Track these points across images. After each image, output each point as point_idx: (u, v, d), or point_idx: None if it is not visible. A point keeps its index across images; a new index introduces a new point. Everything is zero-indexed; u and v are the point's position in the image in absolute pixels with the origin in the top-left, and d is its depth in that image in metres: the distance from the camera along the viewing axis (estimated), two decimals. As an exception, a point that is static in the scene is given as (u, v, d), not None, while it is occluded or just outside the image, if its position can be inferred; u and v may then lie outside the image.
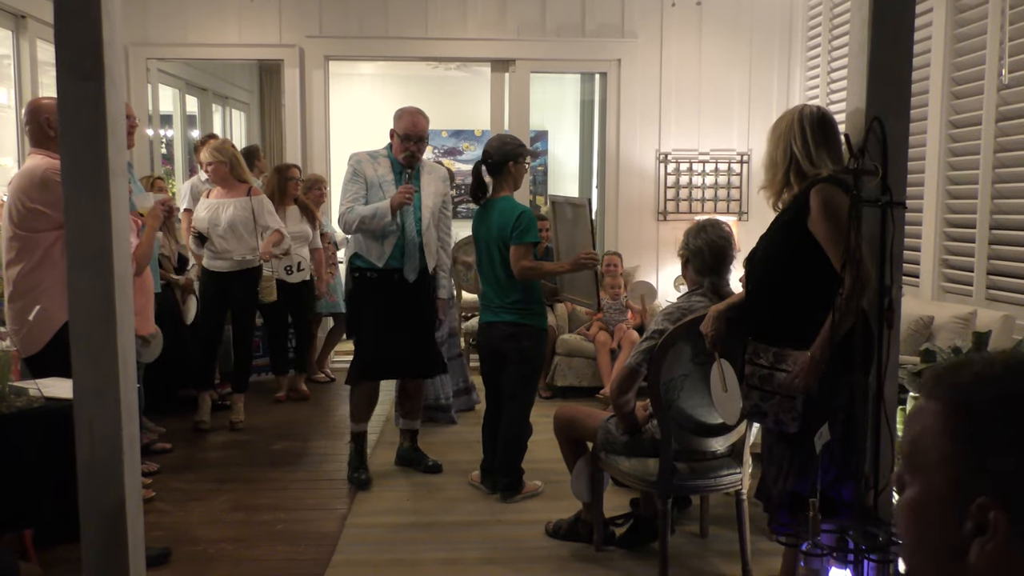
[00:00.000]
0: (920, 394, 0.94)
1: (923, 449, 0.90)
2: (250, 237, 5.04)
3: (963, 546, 0.85)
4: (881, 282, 2.46)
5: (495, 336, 4.03)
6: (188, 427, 5.08)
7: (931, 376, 0.93)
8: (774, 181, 2.61)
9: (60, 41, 2.23)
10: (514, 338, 3.97)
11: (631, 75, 6.75)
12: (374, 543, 3.54)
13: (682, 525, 3.72)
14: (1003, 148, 4.41)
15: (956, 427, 0.87)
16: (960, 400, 0.88)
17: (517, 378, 4.02)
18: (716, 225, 3.27)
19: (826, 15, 6.32)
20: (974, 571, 0.85)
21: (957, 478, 0.87)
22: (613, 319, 5.99)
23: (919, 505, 0.91)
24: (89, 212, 2.25)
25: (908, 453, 0.94)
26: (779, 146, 2.57)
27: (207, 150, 5.07)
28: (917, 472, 0.92)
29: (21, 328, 3.31)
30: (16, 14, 5.19)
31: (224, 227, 4.95)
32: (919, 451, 0.91)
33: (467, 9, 6.68)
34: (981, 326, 3.97)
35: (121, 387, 2.30)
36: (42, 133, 3.43)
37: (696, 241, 3.21)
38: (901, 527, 0.95)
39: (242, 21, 6.57)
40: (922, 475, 0.91)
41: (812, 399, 2.44)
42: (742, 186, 6.87)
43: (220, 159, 4.97)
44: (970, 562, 0.85)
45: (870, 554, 2.25)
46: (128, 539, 2.35)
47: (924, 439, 0.90)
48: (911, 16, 2.54)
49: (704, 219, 3.38)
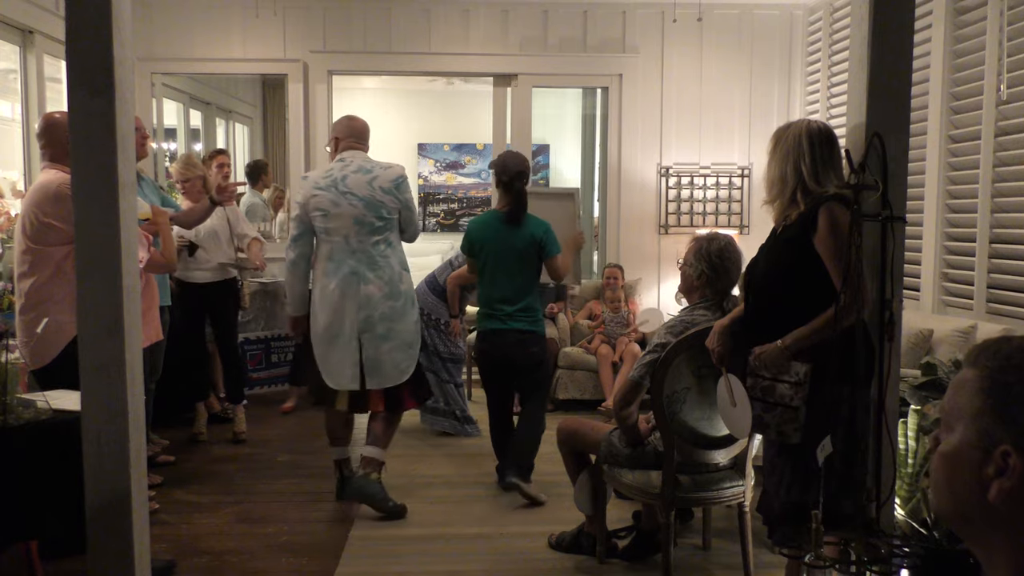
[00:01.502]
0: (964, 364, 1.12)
1: (959, 406, 1.08)
2: (228, 246, 5.10)
3: (984, 486, 1.03)
4: (882, 295, 2.48)
5: (506, 343, 4.21)
6: (189, 439, 5.10)
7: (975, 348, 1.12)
8: (782, 197, 2.59)
9: (71, 57, 2.27)
10: (526, 344, 4.22)
11: (632, 90, 6.80)
12: (378, 555, 3.55)
13: (684, 538, 3.72)
14: (1002, 163, 4.44)
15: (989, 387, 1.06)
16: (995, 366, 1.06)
17: (538, 381, 4.40)
18: (718, 239, 3.29)
19: (826, 31, 6.37)
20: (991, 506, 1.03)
21: (985, 429, 1.04)
22: (615, 332, 6.01)
23: (951, 454, 1.08)
24: (98, 225, 2.28)
25: (947, 411, 1.11)
26: (787, 162, 2.55)
27: (180, 165, 5.07)
28: (953, 427, 1.09)
29: (31, 340, 3.34)
30: (24, 29, 5.23)
31: (204, 236, 4.98)
32: (956, 408, 1.09)
33: (469, 24, 6.73)
34: (981, 339, 3.98)
35: (129, 400, 2.32)
36: (62, 149, 3.40)
37: (701, 259, 3.22)
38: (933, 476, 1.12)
39: (246, 36, 6.62)
40: (957, 428, 1.08)
41: (814, 411, 2.46)
42: (743, 200, 6.90)
43: (197, 174, 5.03)
44: (989, 498, 1.02)
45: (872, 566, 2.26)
46: (134, 551, 2.36)
47: (961, 398, 1.08)
48: (911, 32, 2.57)
49: (710, 232, 3.39)
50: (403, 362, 3.98)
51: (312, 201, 3.90)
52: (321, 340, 3.96)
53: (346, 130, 4.05)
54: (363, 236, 3.88)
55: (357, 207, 3.86)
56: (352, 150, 4.00)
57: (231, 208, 5.15)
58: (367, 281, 3.88)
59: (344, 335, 3.89)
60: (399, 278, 3.97)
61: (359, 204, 3.86)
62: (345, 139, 4.02)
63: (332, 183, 3.89)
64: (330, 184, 3.89)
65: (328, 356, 3.94)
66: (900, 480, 3.11)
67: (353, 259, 3.88)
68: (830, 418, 2.44)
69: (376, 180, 3.90)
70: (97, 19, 2.25)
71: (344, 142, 4.02)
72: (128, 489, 2.33)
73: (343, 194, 3.87)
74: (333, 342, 3.92)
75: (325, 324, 3.92)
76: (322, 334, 3.94)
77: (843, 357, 2.42)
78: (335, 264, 3.89)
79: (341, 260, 3.89)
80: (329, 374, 3.96)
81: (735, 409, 2.58)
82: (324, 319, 3.92)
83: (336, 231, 3.89)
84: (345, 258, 3.88)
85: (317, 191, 3.89)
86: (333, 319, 3.90)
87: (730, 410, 2.60)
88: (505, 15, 6.73)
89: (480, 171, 10.43)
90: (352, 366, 3.91)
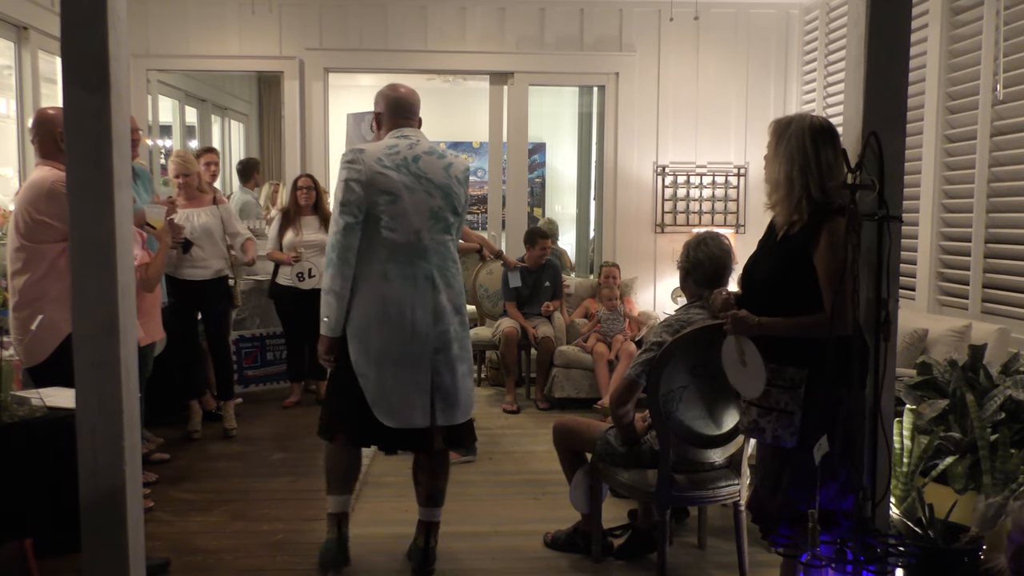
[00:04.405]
0: None
1: None
2: (221, 244, 5.13)
3: None
4: (878, 295, 2.48)
5: None
6: (183, 437, 5.10)
7: None
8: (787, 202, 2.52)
9: (66, 53, 2.26)
10: None
11: (629, 88, 6.80)
12: (373, 553, 3.54)
13: (680, 536, 3.73)
14: (998, 162, 4.45)
15: None
16: None
17: None
18: (716, 238, 3.30)
19: (822, 30, 6.37)
20: None
21: None
22: (611, 330, 6.01)
23: None
24: (93, 223, 2.27)
25: None
26: (793, 165, 2.48)
27: (176, 161, 5.10)
28: None
29: (24, 338, 3.32)
30: (18, 25, 5.22)
31: (200, 234, 5.00)
32: None
33: (466, 22, 6.73)
34: (976, 339, 4.00)
35: (123, 397, 2.31)
36: (53, 145, 3.44)
37: (696, 254, 3.24)
38: None
39: (242, 33, 6.61)
40: None
41: (810, 414, 2.46)
42: (739, 199, 6.91)
43: (194, 170, 5.08)
44: None
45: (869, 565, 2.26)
46: (128, 549, 2.35)
47: None
48: (907, 32, 2.57)
49: (704, 231, 3.40)
50: (471, 392, 3.32)
51: (380, 180, 3.09)
52: (375, 364, 3.14)
53: (388, 103, 3.28)
54: (436, 233, 3.18)
55: (435, 196, 3.16)
56: (411, 127, 3.28)
57: (224, 207, 5.19)
58: (440, 290, 3.18)
59: (412, 356, 3.13)
60: (461, 289, 3.31)
61: (437, 193, 3.17)
62: (391, 117, 3.28)
63: (403, 162, 3.13)
64: (400, 163, 3.13)
65: (386, 385, 3.14)
66: (895, 479, 3.12)
67: (426, 261, 3.15)
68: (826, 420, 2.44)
69: (452, 168, 3.23)
70: (92, 15, 2.24)
71: (389, 120, 3.28)
72: (123, 487, 2.32)
73: (418, 178, 3.14)
74: (398, 366, 3.13)
75: (384, 343, 3.13)
76: (377, 357, 3.13)
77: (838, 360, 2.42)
78: (401, 266, 3.12)
79: (410, 261, 3.14)
80: (389, 409, 3.15)
81: (745, 369, 2.52)
82: (383, 337, 3.13)
83: (406, 224, 3.12)
84: (416, 258, 3.14)
85: (385, 169, 3.10)
86: (399, 336, 3.12)
87: (740, 371, 2.54)
88: (502, 13, 6.73)
89: (477, 169, 10.43)
90: (422, 395, 3.15)
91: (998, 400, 3.23)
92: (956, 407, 3.33)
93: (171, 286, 4.98)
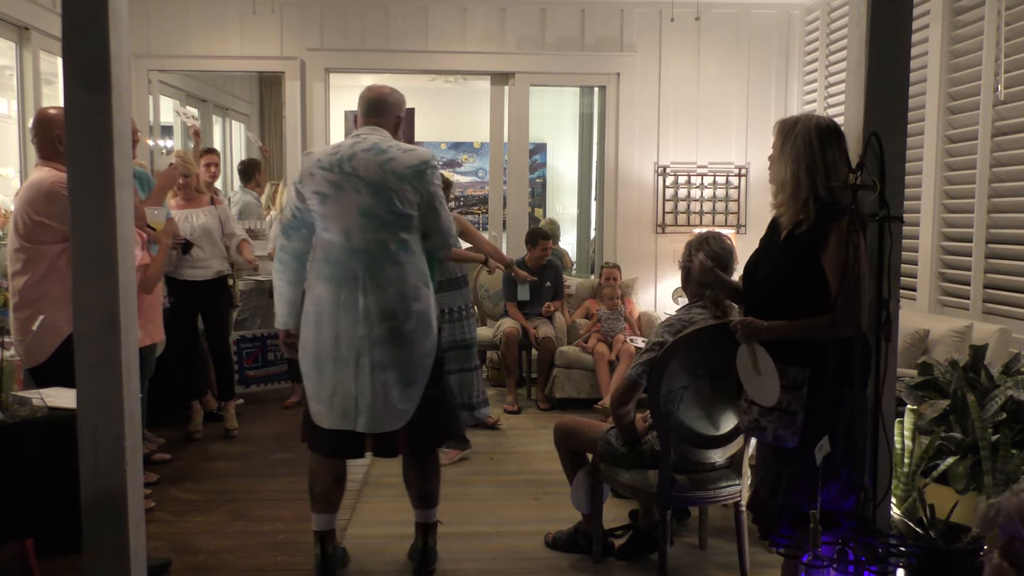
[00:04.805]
0: None
1: None
2: (221, 245, 5.14)
3: None
4: (879, 295, 2.48)
5: None
6: (185, 437, 5.10)
7: None
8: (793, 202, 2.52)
9: (68, 54, 2.26)
10: None
11: (630, 88, 6.80)
12: (374, 553, 3.54)
13: (681, 537, 3.72)
14: (999, 163, 4.45)
15: None
16: None
17: None
18: (717, 237, 3.30)
19: (823, 31, 6.37)
20: None
21: None
22: (612, 330, 6.01)
23: None
24: (95, 223, 2.28)
25: None
26: (800, 165, 2.48)
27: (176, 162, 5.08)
28: None
29: (25, 338, 3.33)
30: (20, 26, 5.22)
31: (199, 235, 5.01)
32: None
33: (467, 23, 6.73)
34: (977, 339, 3.99)
35: (125, 397, 2.32)
36: (51, 147, 3.45)
37: (698, 253, 3.23)
38: None
39: (244, 33, 6.62)
40: None
41: (812, 414, 2.46)
42: (740, 199, 6.91)
43: (194, 171, 5.10)
44: None
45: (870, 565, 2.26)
46: (130, 549, 2.36)
47: None
48: (908, 33, 2.57)
49: (705, 231, 3.40)
50: (402, 402, 3.11)
51: (310, 181, 3.09)
52: (310, 364, 3.13)
53: (362, 104, 3.26)
54: (369, 233, 3.04)
55: (363, 194, 3.03)
56: (370, 126, 3.20)
57: (222, 207, 5.19)
58: (369, 291, 3.04)
59: (338, 358, 3.07)
60: (413, 293, 3.09)
61: (366, 191, 3.03)
62: (362, 116, 3.24)
63: (337, 161, 3.06)
64: (335, 163, 3.06)
65: (317, 386, 3.12)
66: (896, 480, 3.12)
67: (355, 260, 3.05)
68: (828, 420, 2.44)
69: (391, 163, 3.05)
70: (94, 16, 2.25)
71: (361, 120, 3.24)
72: (124, 487, 2.33)
73: (347, 176, 3.04)
74: (324, 368, 3.10)
75: (314, 343, 3.11)
76: (311, 356, 3.13)
77: (841, 361, 2.42)
78: (331, 266, 3.08)
79: (339, 261, 3.06)
80: (318, 410, 3.13)
81: (760, 376, 2.53)
82: (313, 336, 3.11)
83: (336, 223, 3.07)
84: (344, 259, 3.06)
85: (318, 170, 3.08)
86: (324, 336, 3.08)
87: (754, 378, 2.55)
88: (503, 13, 6.73)
89: (477, 169, 10.43)
90: (344, 398, 3.08)
91: (999, 400, 3.23)
92: (957, 407, 3.33)
93: (171, 287, 4.99)
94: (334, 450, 3.21)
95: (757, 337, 2.51)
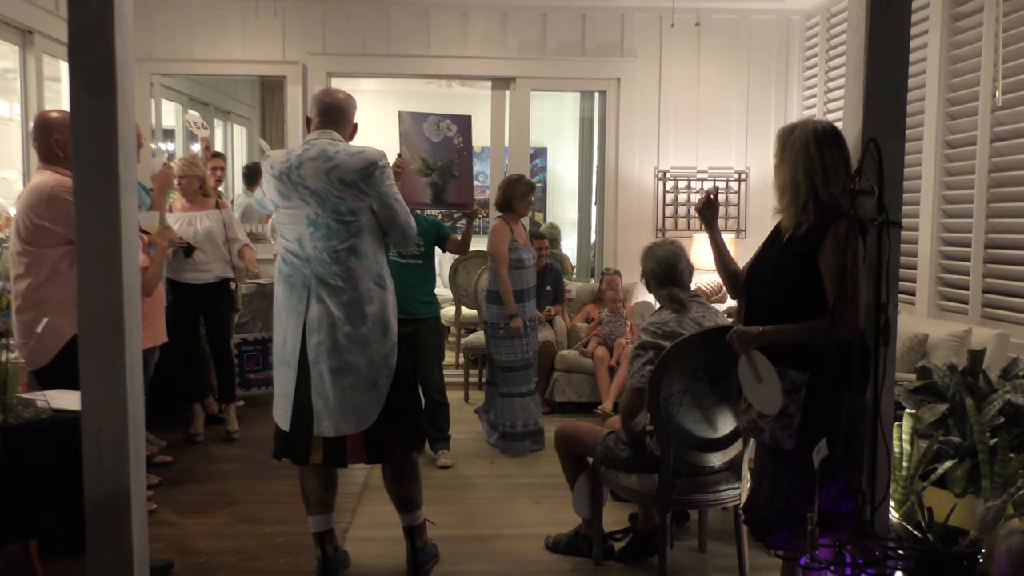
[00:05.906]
0: None
1: None
2: (223, 249, 5.16)
3: None
4: (877, 300, 2.49)
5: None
6: (186, 440, 5.11)
7: None
8: (794, 206, 2.54)
9: (73, 58, 2.28)
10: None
11: (630, 94, 6.82)
12: (375, 556, 3.55)
13: (681, 540, 3.74)
14: (998, 168, 4.47)
15: None
16: None
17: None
18: (661, 243, 3.43)
19: (823, 36, 6.40)
20: None
21: None
22: (614, 333, 6.02)
23: None
24: (100, 226, 2.30)
25: None
26: (798, 170, 2.51)
27: (181, 163, 5.11)
28: None
29: (29, 341, 3.34)
30: (24, 29, 5.24)
31: (202, 238, 5.03)
32: None
33: (468, 27, 6.76)
34: (976, 344, 4.01)
35: (128, 399, 2.33)
36: (50, 151, 3.48)
37: (648, 264, 3.37)
38: None
39: (246, 38, 6.64)
40: None
41: (809, 417, 2.47)
42: (740, 204, 6.92)
43: (195, 173, 5.08)
44: None
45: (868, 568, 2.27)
46: (132, 550, 2.37)
47: None
48: (907, 38, 2.59)
49: (650, 241, 3.54)
50: (363, 406, 3.10)
51: (268, 186, 3.14)
52: (275, 365, 3.23)
53: (314, 107, 3.23)
54: (318, 241, 3.03)
55: (310, 204, 3.02)
56: (320, 130, 3.17)
57: (227, 212, 5.20)
58: (320, 299, 3.04)
59: (290, 363, 3.11)
60: (366, 297, 3.07)
61: (312, 200, 3.01)
62: (315, 119, 3.21)
63: (287, 171, 3.05)
64: (284, 171, 3.05)
65: (277, 387, 3.22)
66: (895, 483, 3.13)
67: (307, 268, 3.05)
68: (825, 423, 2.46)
69: (336, 170, 3.00)
70: (100, 21, 2.26)
71: (315, 123, 3.21)
72: (127, 488, 2.34)
73: (295, 185, 3.03)
74: (280, 371, 3.17)
75: (275, 347, 3.20)
76: (275, 359, 3.23)
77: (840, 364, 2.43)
78: (288, 268, 3.12)
79: (294, 266, 3.09)
80: (277, 411, 3.24)
81: (761, 385, 2.54)
82: (275, 341, 3.20)
83: (289, 230, 3.10)
84: (299, 265, 3.07)
85: (272, 178, 3.10)
86: (280, 341, 3.15)
87: (756, 387, 2.56)
88: (504, 18, 6.76)
89: (478, 173, 10.44)
90: (287, 401, 3.14)
91: (997, 404, 3.24)
92: (955, 411, 3.34)
93: (173, 290, 5.00)
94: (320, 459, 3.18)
95: (753, 344, 2.53)
